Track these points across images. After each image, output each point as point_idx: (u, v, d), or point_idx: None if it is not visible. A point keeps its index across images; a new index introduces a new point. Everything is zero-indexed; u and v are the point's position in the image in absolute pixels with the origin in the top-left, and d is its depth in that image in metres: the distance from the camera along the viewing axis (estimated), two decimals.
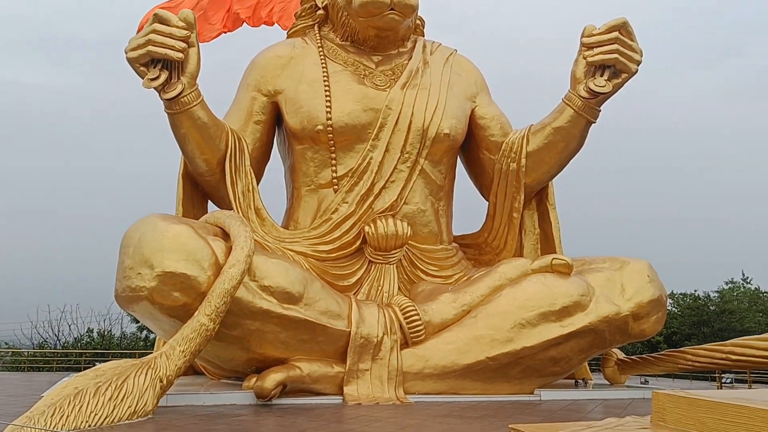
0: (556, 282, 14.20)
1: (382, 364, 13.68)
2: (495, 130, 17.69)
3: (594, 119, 16.27)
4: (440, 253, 17.07)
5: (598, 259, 15.93)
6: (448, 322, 14.28)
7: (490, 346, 13.82)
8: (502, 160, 17.27)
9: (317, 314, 13.42)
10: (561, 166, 17.22)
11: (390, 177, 16.53)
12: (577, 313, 13.94)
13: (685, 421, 4.94)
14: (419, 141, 16.68)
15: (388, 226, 16.01)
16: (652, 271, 15.20)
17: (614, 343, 14.88)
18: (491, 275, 15.04)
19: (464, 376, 13.93)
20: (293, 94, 16.98)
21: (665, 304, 15.57)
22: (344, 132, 16.48)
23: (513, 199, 17.29)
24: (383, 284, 16.05)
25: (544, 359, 14.04)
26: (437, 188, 17.27)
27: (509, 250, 17.52)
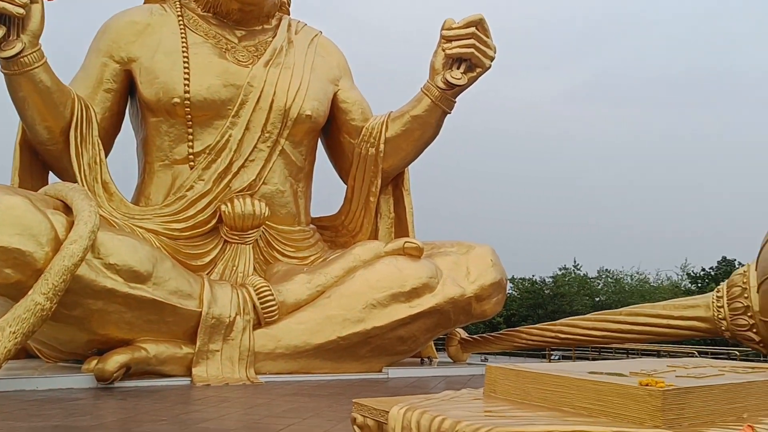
0: (406, 264, 14.75)
1: (233, 344, 13.55)
2: (356, 114, 17.96)
3: (449, 110, 16.99)
4: (297, 235, 17.12)
5: (447, 243, 16.73)
6: (302, 303, 14.40)
7: (341, 326, 14.12)
8: (362, 144, 17.59)
9: (166, 294, 13.00)
10: (417, 153, 17.84)
11: (249, 156, 16.29)
12: (425, 294, 14.59)
13: (513, 392, 5.41)
14: (281, 121, 16.56)
15: (246, 206, 15.81)
16: (495, 256, 16.22)
17: (458, 323, 15.75)
18: (346, 257, 15.33)
19: (315, 356, 14.14)
20: (149, 63, 16.18)
21: (505, 287, 16.70)
22: (203, 107, 15.98)
23: (370, 184, 17.68)
24: (238, 264, 15.85)
25: (393, 338, 14.57)
26: (297, 169, 17.27)
27: (365, 233, 17.93)
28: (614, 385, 4.62)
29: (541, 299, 31.36)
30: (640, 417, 4.34)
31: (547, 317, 25.77)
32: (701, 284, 32.59)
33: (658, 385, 4.41)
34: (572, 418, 4.59)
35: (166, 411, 9.56)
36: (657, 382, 4.48)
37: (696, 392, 4.45)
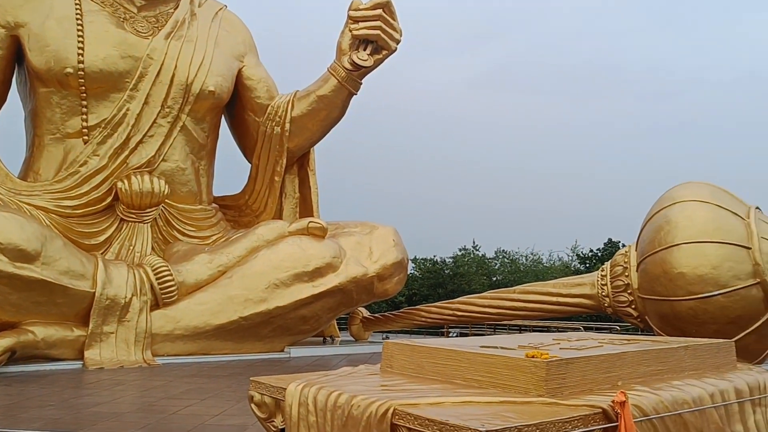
0: (310, 244, 14.75)
1: (129, 326, 13.13)
2: (261, 92, 17.66)
3: (355, 91, 17.03)
4: (198, 214, 16.72)
5: (351, 223, 16.86)
6: (203, 283, 14.13)
7: (243, 306, 13.97)
8: (267, 123, 17.35)
9: (57, 274, 12.40)
10: (323, 133, 17.79)
11: (148, 131, 15.71)
12: (329, 274, 14.66)
13: (408, 366, 5.58)
14: (182, 96, 16.04)
15: (144, 183, 15.28)
16: (397, 236, 16.50)
17: (360, 302, 15.95)
18: (249, 237, 15.14)
19: (216, 337, 13.94)
20: (38, 29, 15.19)
21: (407, 266, 17.04)
22: (98, 78, 15.21)
23: (275, 163, 17.50)
24: (135, 244, 15.33)
25: (296, 318, 14.57)
26: (199, 146, 16.81)
27: (269, 213, 17.77)
28: (503, 358, 4.85)
29: (442, 279, 32.23)
30: (526, 387, 4.60)
31: (447, 296, 26.47)
32: (589, 264, 34.47)
33: (543, 356, 4.68)
34: (463, 390, 4.80)
35: (55, 395, 9.18)
36: (542, 354, 4.76)
37: (576, 363, 4.76)
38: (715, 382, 5.24)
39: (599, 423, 4.16)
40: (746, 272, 9.25)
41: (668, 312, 9.83)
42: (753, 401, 5.31)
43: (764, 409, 5.40)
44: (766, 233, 9.55)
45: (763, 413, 5.38)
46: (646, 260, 10.15)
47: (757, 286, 9.21)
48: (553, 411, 4.18)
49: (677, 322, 9.69)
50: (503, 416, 4.05)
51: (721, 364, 5.94)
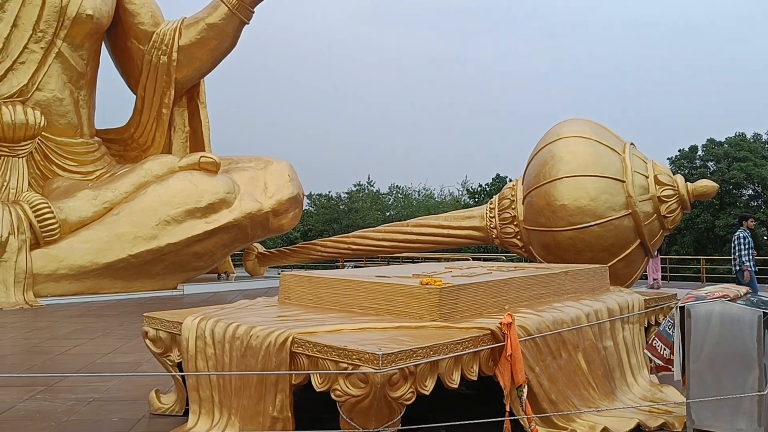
0: (203, 179, 14.35)
1: (7, 266, 12.40)
2: (145, 18, 16.60)
3: (247, 20, 16.37)
4: (80, 147, 15.75)
5: (245, 158, 16.51)
6: (87, 221, 13.48)
7: (132, 244, 13.50)
8: (153, 51, 16.41)
9: None
10: (213, 63, 17.07)
11: (19, 57, 14.48)
12: (222, 209, 14.38)
13: (306, 297, 5.65)
14: (56, 19, 14.80)
15: (17, 114, 14.20)
16: (292, 171, 16.36)
17: (256, 237, 15.82)
18: (136, 172, 14.51)
19: (104, 275, 13.43)
20: None
21: (302, 201, 17.01)
22: None
23: (162, 95, 16.70)
24: (10, 179, 14.32)
25: (188, 255, 14.26)
26: (78, 75, 15.68)
27: (157, 147, 17.05)
28: (398, 286, 5.03)
29: (337, 214, 32.41)
30: (420, 312, 4.80)
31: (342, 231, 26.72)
32: (478, 199, 35.70)
33: (436, 283, 4.90)
34: (361, 317, 4.94)
35: None
36: (435, 281, 4.97)
37: (467, 289, 5.01)
38: (590, 303, 5.70)
39: (488, 343, 4.44)
40: (620, 204, 9.94)
41: (550, 242, 10.44)
42: (622, 320, 5.82)
43: (631, 326, 5.95)
44: (638, 168, 10.25)
45: (631, 329, 5.93)
46: (531, 193, 10.65)
47: (629, 216, 9.93)
48: (446, 334, 4.41)
49: (558, 251, 10.32)
50: (399, 340, 4.23)
51: (597, 287, 6.44)
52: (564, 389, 4.89)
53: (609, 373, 5.44)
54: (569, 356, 5.05)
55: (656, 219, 10.25)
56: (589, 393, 5.12)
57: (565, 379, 4.95)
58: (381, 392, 3.79)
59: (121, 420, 5.04)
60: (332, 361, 4.03)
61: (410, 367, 3.94)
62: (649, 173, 10.35)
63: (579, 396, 5.01)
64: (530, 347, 4.71)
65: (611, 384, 5.41)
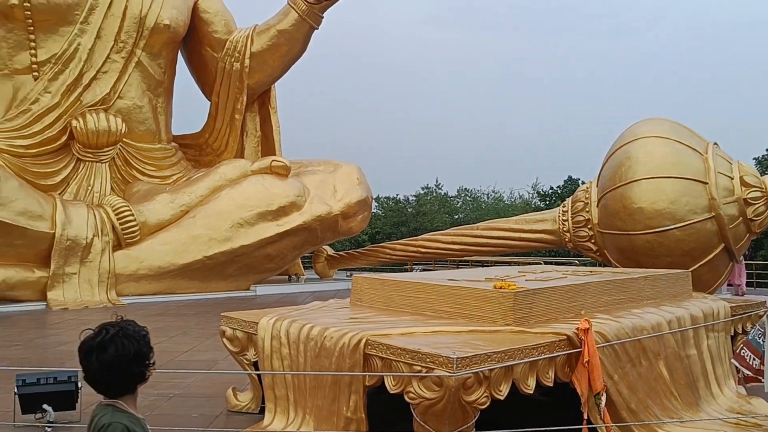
0: (274, 183, 14.64)
1: (91, 266, 12.98)
2: (219, 26, 17.10)
3: (317, 25, 16.62)
4: (158, 153, 16.37)
5: (315, 162, 16.75)
6: (165, 223, 13.97)
7: (207, 246, 13.90)
8: (226, 59, 16.88)
9: (14, 215, 12.13)
10: (284, 69, 17.42)
11: (102, 67, 15.15)
12: (293, 212, 14.62)
13: (378, 299, 5.68)
14: (136, 30, 15.44)
15: (100, 121, 14.85)
16: (361, 174, 16.48)
17: (325, 240, 16.02)
18: (211, 176, 14.95)
19: (181, 276, 13.88)
20: None
21: (371, 204, 17.11)
22: (45, 10, 14.49)
23: (235, 100, 17.14)
24: (94, 184, 15.01)
25: (260, 257, 14.58)
26: (156, 83, 16.31)
27: (230, 152, 17.51)
28: (471, 289, 4.97)
29: (405, 217, 32.35)
30: (494, 317, 4.73)
31: (410, 234, 26.69)
32: (549, 201, 34.97)
33: (510, 287, 4.81)
34: (433, 320, 4.92)
35: (19, 336, 9.11)
36: (509, 285, 4.89)
37: (542, 293, 4.91)
38: (672, 310, 5.48)
39: (564, 349, 4.33)
40: (702, 206, 9.51)
41: (626, 246, 10.11)
42: (706, 327, 5.57)
43: (716, 334, 5.68)
44: (722, 168, 9.78)
45: (716, 338, 5.67)
46: (607, 196, 10.35)
47: (712, 219, 9.50)
48: (521, 338, 4.33)
49: (634, 255, 9.98)
50: (473, 344, 4.18)
51: (678, 293, 6.19)
52: (644, 398, 4.72)
53: (692, 382, 5.22)
54: (650, 364, 4.87)
55: (742, 222, 9.78)
56: (671, 403, 4.93)
57: (646, 387, 4.78)
58: (455, 396, 3.76)
59: (200, 416, 5.18)
60: (406, 363, 4.04)
61: (485, 371, 3.90)
62: (735, 174, 9.87)
63: (660, 405, 4.82)
64: (608, 354, 4.57)
65: (695, 394, 5.19)
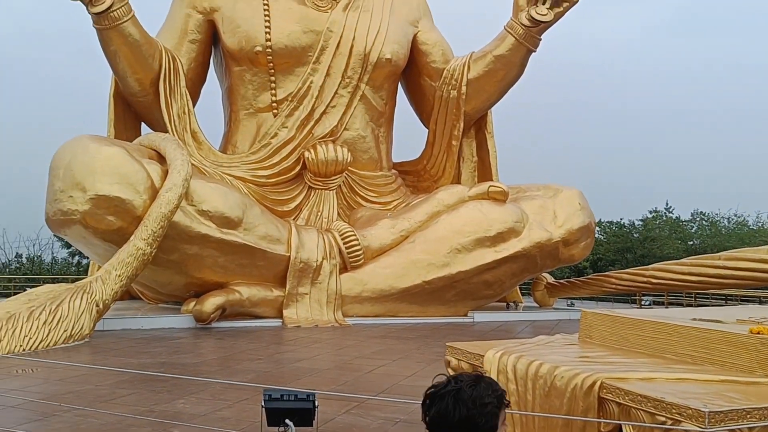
0: (492, 208, 14.57)
1: (321, 287, 13.90)
2: (437, 56, 17.58)
3: (534, 48, 16.36)
4: (380, 180, 17.18)
5: (533, 186, 16.39)
6: (387, 247, 14.55)
7: (426, 271, 14.20)
8: (443, 87, 17.27)
9: (256, 239, 13.43)
10: (501, 94, 17.37)
11: (331, 102, 16.33)
12: (511, 238, 14.41)
13: (610, 337, 5.29)
14: (361, 66, 16.45)
15: (328, 152, 15.94)
16: (583, 199, 15.77)
17: (545, 267, 15.53)
18: (429, 201, 15.29)
19: (401, 300, 14.34)
20: (230, 12, 16.30)
21: (594, 231, 16.26)
22: (284, 54, 16.04)
23: (452, 127, 17.42)
24: (323, 210, 16.12)
25: (478, 283, 14.55)
26: (378, 114, 17.20)
27: (447, 177, 17.79)
28: (721, 333, 4.44)
29: (630, 243, 30.22)
30: (750, 366, 4.17)
31: (636, 262, 24.93)
32: None
33: None
34: (676, 365, 4.46)
35: (261, 350, 10.00)
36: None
37: None
38: None
39: None
40: None
41: None
42: None
43: None
44: None
45: None
46: None
47: None
48: None
49: None
50: (726, 396, 3.71)
51: None
52: None
53: None
54: None
55: None
56: None
57: None
58: None
59: None
60: (647, 412, 3.71)
61: (743, 429, 3.42)
62: None
63: None
64: None
65: None
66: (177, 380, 7.01)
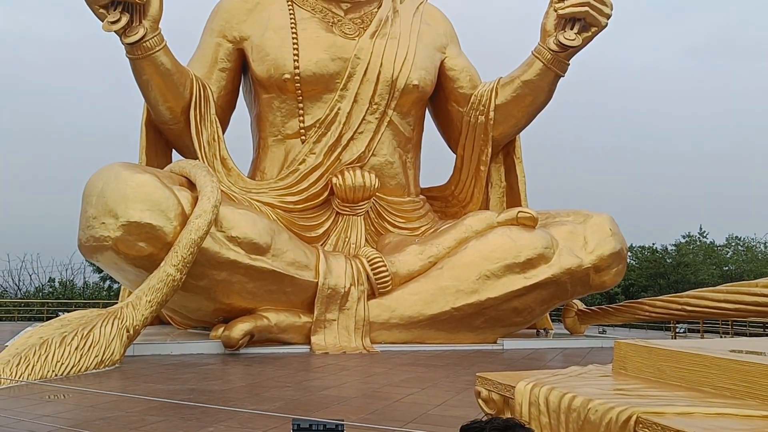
0: (521, 234, 14.43)
1: (349, 314, 13.86)
2: (464, 82, 17.63)
3: (563, 73, 16.31)
4: (407, 205, 17.17)
5: (563, 212, 16.22)
6: (415, 274, 14.47)
7: (455, 297, 14.08)
8: (471, 112, 17.28)
9: (285, 265, 13.46)
10: (529, 119, 17.32)
11: (358, 128, 16.43)
12: (541, 265, 14.24)
13: (645, 369, 5.14)
14: (388, 92, 16.55)
15: (356, 178, 15.99)
16: (614, 224, 15.54)
17: (575, 294, 15.30)
18: (457, 227, 15.21)
19: (429, 326, 14.21)
20: (260, 41, 16.59)
21: (626, 257, 15.99)
22: (312, 81, 16.23)
23: (480, 152, 17.38)
24: (350, 235, 16.13)
25: (508, 310, 14.38)
26: (405, 140, 17.25)
27: (476, 203, 17.71)
28: (762, 366, 4.28)
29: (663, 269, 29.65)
30: None
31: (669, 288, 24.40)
32: None
33: None
34: (715, 399, 4.31)
35: (290, 377, 9.95)
36: None
37: None
38: None
39: None
40: None
41: None
42: None
43: None
44: None
45: None
46: None
47: None
48: None
49: None
50: None
51: None
52: None
53: None
54: None
55: None
56: None
57: None
58: None
59: None
60: None
61: None
62: None
63: None
64: None
65: None
66: (206, 408, 7.00)
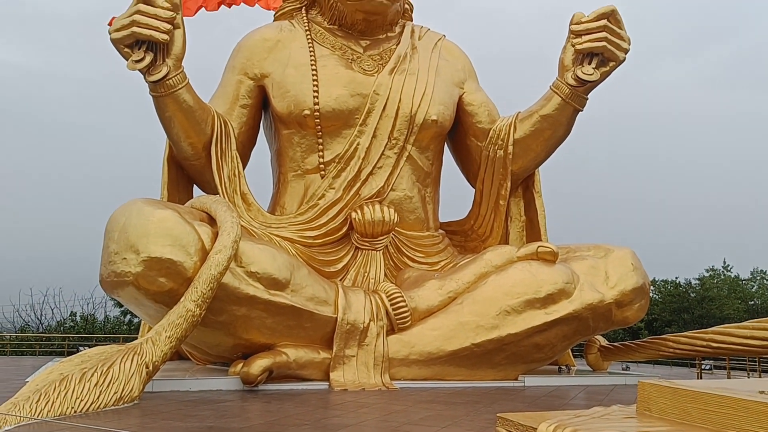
0: (541, 269, 14.29)
1: (368, 350, 13.74)
2: (482, 116, 17.71)
3: (581, 107, 16.33)
4: (427, 240, 17.12)
5: (583, 246, 16.06)
6: (434, 309, 14.36)
7: (475, 333, 13.92)
8: (489, 147, 17.31)
9: (304, 300, 13.43)
10: (548, 153, 17.30)
11: (377, 163, 16.52)
12: (562, 300, 14.07)
13: (670, 411, 5.02)
14: (407, 127, 16.67)
15: (375, 213, 16.02)
16: (635, 259, 15.34)
17: (597, 330, 15.04)
18: (477, 262, 15.11)
19: (449, 363, 14.03)
20: (280, 78, 16.86)
21: (648, 291, 15.71)
22: (331, 117, 16.41)
23: (500, 186, 17.35)
24: (370, 270, 16.09)
25: (529, 346, 14.17)
26: (424, 175, 17.29)
27: (495, 237, 17.62)
28: None
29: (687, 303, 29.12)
30: None
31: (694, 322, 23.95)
32: None
33: None
34: None
35: (308, 415, 9.84)
36: None
37: None
38: None
39: None
40: None
41: None
42: None
43: None
44: None
45: None
46: None
47: None
48: None
49: None
50: None
51: None
52: None
53: None
54: None
55: None
56: None
57: None
58: None
59: None
60: None
61: None
62: None
63: None
64: None
65: None
66: None
